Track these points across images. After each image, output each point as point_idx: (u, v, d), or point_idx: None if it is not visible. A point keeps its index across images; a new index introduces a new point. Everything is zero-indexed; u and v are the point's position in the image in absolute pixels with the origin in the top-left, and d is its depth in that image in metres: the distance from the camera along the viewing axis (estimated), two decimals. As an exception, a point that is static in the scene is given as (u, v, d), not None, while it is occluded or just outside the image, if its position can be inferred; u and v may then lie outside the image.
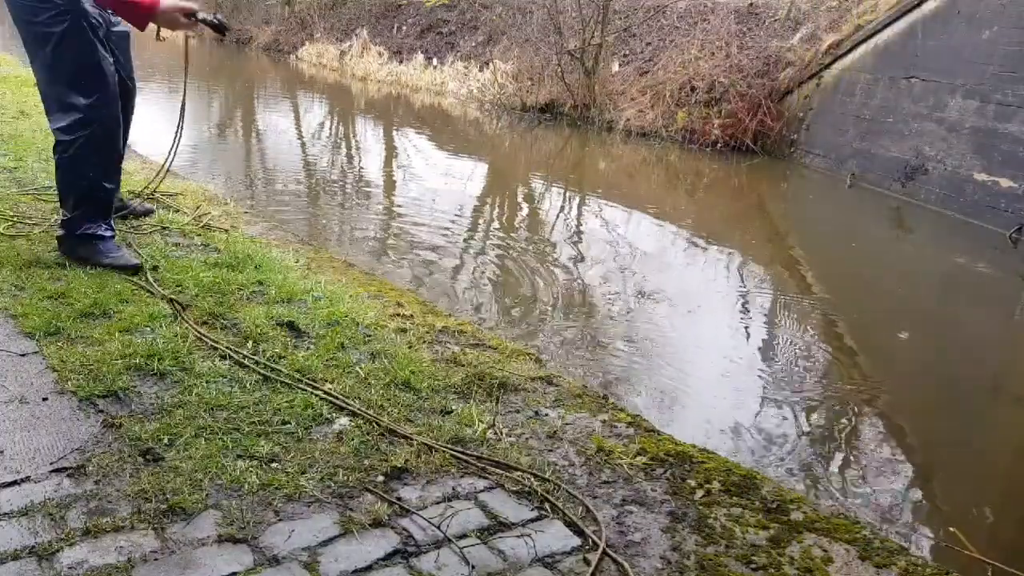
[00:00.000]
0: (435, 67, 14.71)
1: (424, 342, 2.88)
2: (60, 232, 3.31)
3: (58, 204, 3.43)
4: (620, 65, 11.95)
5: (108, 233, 3.32)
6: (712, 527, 1.95)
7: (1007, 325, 5.40)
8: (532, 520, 1.92)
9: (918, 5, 8.43)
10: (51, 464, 1.95)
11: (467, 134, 11.53)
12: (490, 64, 13.53)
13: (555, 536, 1.87)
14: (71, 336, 2.60)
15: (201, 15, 3.31)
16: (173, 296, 3.01)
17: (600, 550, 1.80)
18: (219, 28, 3.40)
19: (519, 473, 2.09)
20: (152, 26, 3.20)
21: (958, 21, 7.95)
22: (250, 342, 2.69)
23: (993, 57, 7.55)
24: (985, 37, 7.64)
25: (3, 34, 15.79)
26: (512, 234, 6.52)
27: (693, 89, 10.46)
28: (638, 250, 6.22)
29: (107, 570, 1.62)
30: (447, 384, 2.55)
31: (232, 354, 2.58)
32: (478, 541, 1.82)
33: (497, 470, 2.10)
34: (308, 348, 2.71)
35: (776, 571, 1.81)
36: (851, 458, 3.38)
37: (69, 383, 2.31)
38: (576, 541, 1.86)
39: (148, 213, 4.02)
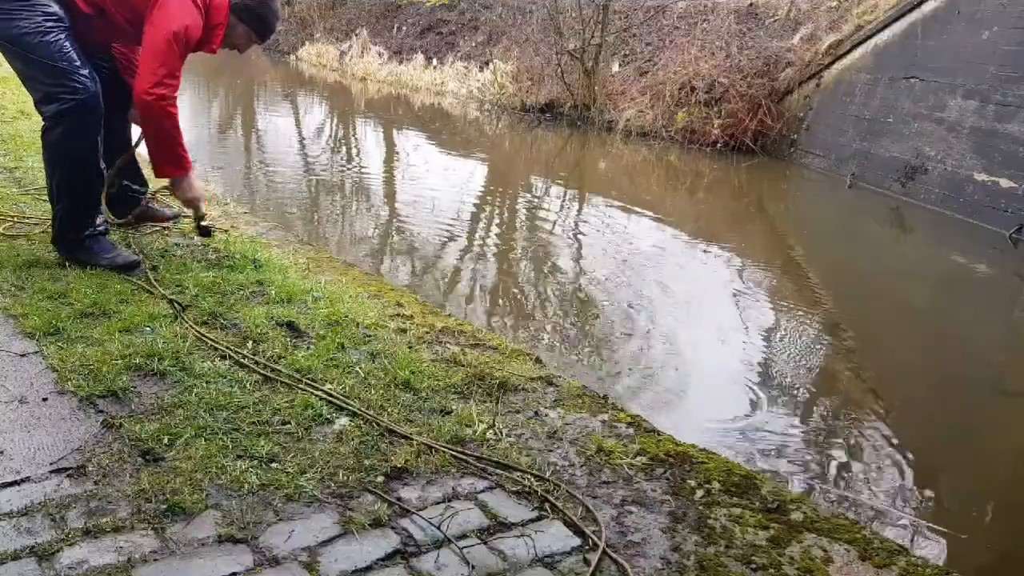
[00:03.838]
0: (435, 67, 14.70)
1: (424, 342, 2.88)
2: (55, 235, 3.27)
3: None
4: (620, 65, 11.95)
5: (101, 229, 3.29)
6: (712, 527, 1.95)
7: (1007, 325, 5.40)
8: (532, 520, 1.92)
9: (918, 5, 8.43)
10: (51, 464, 1.95)
11: (467, 134, 11.53)
12: (490, 64, 13.52)
13: (555, 536, 1.87)
14: (71, 336, 2.60)
15: (204, 222, 3.62)
16: (173, 296, 3.01)
17: (600, 550, 1.80)
18: (204, 232, 3.66)
19: (519, 473, 2.09)
20: None
21: (958, 21, 7.95)
22: (250, 342, 2.69)
23: (993, 57, 7.55)
24: (985, 37, 7.64)
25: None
26: (512, 234, 6.52)
27: (693, 89, 10.45)
28: (638, 250, 6.22)
29: (107, 570, 1.62)
30: (447, 384, 2.55)
31: (232, 354, 2.58)
32: (478, 541, 1.82)
33: (497, 470, 2.10)
34: (308, 348, 2.71)
35: (776, 571, 1.81)
36: (851, 458, 3.38)
37: (69, 383, 2.31)
38: (576, 541, 1.86)
39: (175, 218, 3.99)
